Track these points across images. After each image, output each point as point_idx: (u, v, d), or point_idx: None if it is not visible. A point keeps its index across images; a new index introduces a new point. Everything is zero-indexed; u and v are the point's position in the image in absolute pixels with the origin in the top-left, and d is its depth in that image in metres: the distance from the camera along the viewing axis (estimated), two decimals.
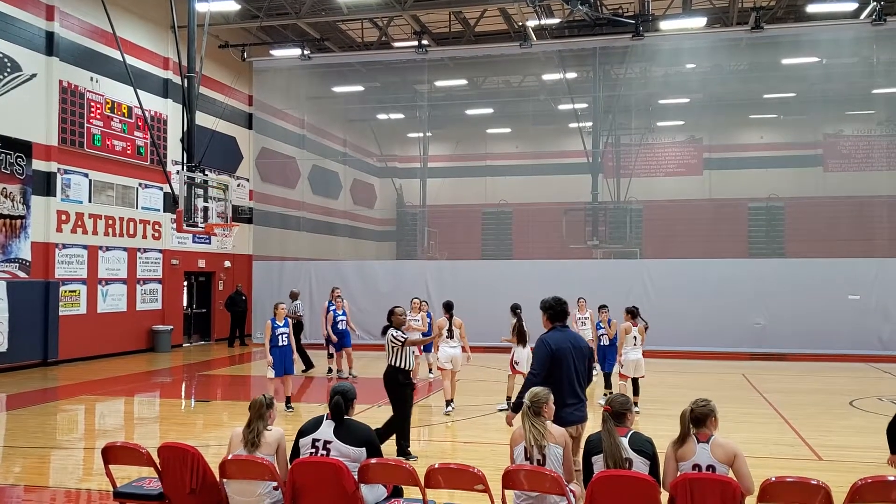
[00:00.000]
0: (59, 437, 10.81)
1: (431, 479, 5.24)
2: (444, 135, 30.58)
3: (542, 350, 6.24)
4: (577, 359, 6.29)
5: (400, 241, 31.54)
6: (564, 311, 6.50)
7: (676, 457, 5.14)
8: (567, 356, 6.23)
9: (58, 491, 7.85)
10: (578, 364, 6.29)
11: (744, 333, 20.07)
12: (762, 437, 10.33)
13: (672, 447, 5.20)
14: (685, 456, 5.12)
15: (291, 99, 26.27)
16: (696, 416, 5.15)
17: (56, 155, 17.68)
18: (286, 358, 12.14)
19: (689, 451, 5.11)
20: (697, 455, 5.07)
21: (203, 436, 10.86)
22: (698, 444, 5.11)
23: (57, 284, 17.62)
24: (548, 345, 6.24)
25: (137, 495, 5.91)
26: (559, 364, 6.19)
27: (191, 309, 23.29)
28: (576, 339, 6.43)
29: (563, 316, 6.48)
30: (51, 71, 17.58)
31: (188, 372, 17.85)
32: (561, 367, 6.19)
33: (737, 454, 5.05)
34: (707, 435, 5.13)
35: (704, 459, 5.05)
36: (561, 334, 6.36)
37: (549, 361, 6.19)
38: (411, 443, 9.06)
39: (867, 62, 22.87)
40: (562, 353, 6.20)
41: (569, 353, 6.24)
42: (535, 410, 5.38)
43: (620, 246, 25.18)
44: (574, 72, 26.30)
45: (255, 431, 5.57)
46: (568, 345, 6.27)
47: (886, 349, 19.37)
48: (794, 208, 26.05)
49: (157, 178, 20.68)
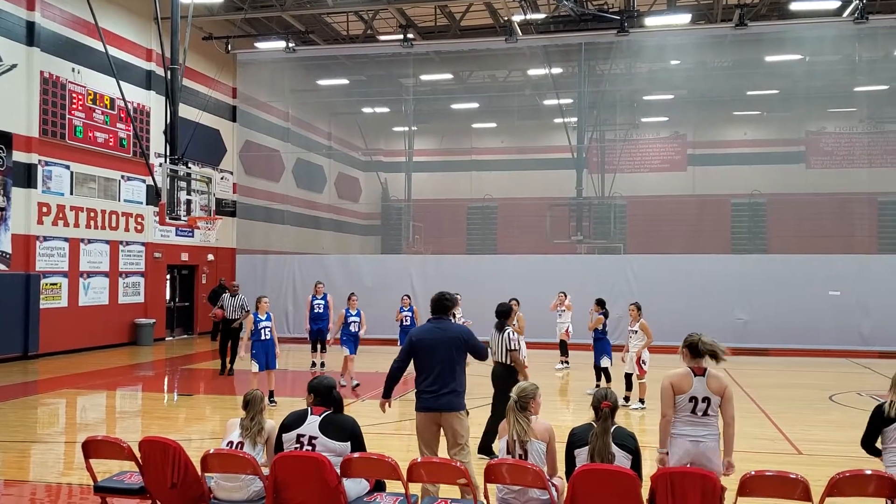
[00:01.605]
0: (40, 430, 10.74)
1: (414, 473, 5.25)
2: (429, 129, 30.55)
3: (406, 342, 6.76)
4: (441, 349, 6.52)
5: (385, 236, 31.49)
6: (443, 305, 6.75)
7: (675, 388, 5.48)
8: (426, 347, 6.52)
9: (38, 485, 7.79)
10: (441, 353, 6.50)
11: (726, 329, 20.14)
12: (743, 431, 10.32)
13: (670, 377, 5.55)
14: (683, 388, 5.46)
15: (276, 92, 26.16)
16: (703, 349, 5.55)
17: (37, 146, 17.51)
18: (269, 352, 12.09)
19: (687, 384, 5.46)
20: (695, 388, 5.45)
21: (185, 430, 10.81)
22: (695, 377, 5.48)
23: (38, 277, 17.47)
24: (410, 337, 6.73)
25: (118, 489, 5.88)
26: (416, 354, 6.57)
27: (173, 302, 23.17)
28: (447, 329, 6.64)
29: (439, 310, 6.73)
30: (32, 61, 17.39)
31: (170, 366, 17.76)
32: (419, 356, 6.56)
33: (727, 387, 5.51)
34: (703, 368, 5.50)
35: (701, 392, 5.46)
36: (429, 326, 6.72)
37: (408, 349, 6.64)
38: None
39: (849, 60, 23.05)
40: (420, 344, 6.55)
41: (430, 343, 6.52)
42: (522, 405, 5.40)
43: (604, 241, 25.27)
44: (559, 67, 26.31)
45: (258, 425, 5.71)
46: (431, 336, 6.56)
47: (866, 345, 19.56)
48: (776, 205, 26.22)
49: (140, 171, 20.52)
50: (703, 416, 5.47)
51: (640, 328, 11.87)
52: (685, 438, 5.47)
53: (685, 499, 4.74)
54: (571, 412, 12.28)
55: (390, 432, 10.22)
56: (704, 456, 5.45)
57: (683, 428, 5.50)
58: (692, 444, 5.44)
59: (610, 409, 5.20)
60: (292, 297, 22.95)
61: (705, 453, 5.45)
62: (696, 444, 5.43)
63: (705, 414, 5.47)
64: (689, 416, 5.50)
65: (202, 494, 5.58)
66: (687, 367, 5.61)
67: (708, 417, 5.48)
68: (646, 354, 11.90)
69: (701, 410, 5.46)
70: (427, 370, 6.49)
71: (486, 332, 8.91)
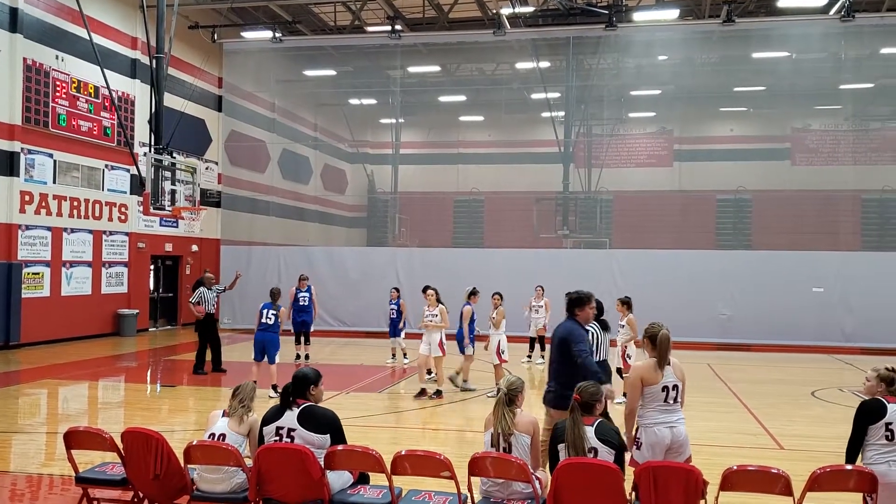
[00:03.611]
0: (21, 421, 10.65)
1: (398, 465, 5.25)
2: (416, 121, 30.45)
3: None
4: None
5: (370, 228, 31.41)
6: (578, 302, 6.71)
7: (646, 381, 5.66)
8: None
9: (19, 476, 7.73)
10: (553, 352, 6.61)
11: (710, 324, 20.32)
12: (725, 426, 10.47)
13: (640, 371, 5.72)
14: (656, 379, 5.66)
15: (262, 82, 26.00)
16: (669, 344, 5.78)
17: (20, 134, 17.34)
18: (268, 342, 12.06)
19: (659, 375, 5.66)
20: (665, 377, 5.66)
21: (168, 421, 10.76)
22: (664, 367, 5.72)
23: (20, 266, 17.32)
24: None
25: (100, 480, 5.85)
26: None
27: (157, 293, 23.05)
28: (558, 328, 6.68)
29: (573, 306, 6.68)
30: (15, 48, 17.20)
31: (154, 356, 17.67)
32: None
33: (683, 371, 5.80)
34: (669, 359, 5.74)
35: (671, 381, 5.70)
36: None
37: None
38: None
39: (835, 58, 23.14)
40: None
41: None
42: (510, 398, 5.43)
43: (590, 236, 25.29)
44: (547, 61, 26.30)
45: (246, 408, 5.76)
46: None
47: (849, 341, 19.73)
48: (761, 201, 26.34)
49: (124, 160, 20.37)
50: (674, 402, 5.74)
51: (627, 323, 11.90)
52: (663, 426, 5.67)
53: (668, 493, 4.77)
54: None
55: (375, 425, 10.21)
56: (683, 437, 5.72)
57: (658, 416, 5.70)
58: (669, 430, 5.66)
59: (580, 403, 5.26)
60: None
61: (682, 436, 5.71)
62: (672, 429, 5.66)
63: (675, 400, 5.75)
64: (661, 405, 5.70)
65: (185, 486, 5.57)
66: (650, 357, 5.81)
67: (676, 403, 5.76)
68: (632, 349, 11.93)
69: (672, 398, 5.72)
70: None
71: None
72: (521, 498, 5.16)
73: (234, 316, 22.95)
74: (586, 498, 4.86)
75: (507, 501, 5.18)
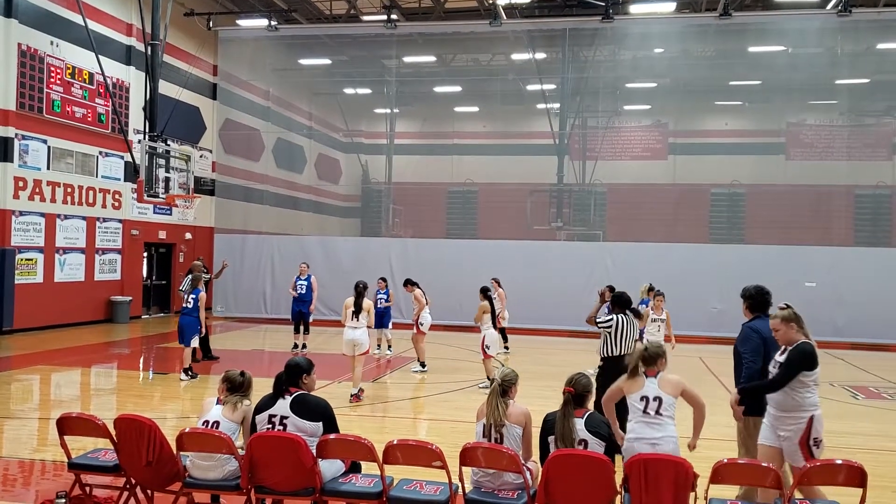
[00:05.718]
0: (14, 406, 10.63)
1: (390, 454, 5.28)
2: (411, 111, 30.39)
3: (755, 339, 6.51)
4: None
5: (364, 218, 31.39)
6: (766, 301, 6.86)
7: (624, 389, 5.57)
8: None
9: (11, 461, 7.74)
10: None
11: (702, 317, 20.35)
12: (716, 419, 10.43)
13: (619, 382, 5.64)
14: (633, 388, 5.52)
15: (257, 70, 25.92)
16: (649, 356, 5.58)
17: (14, 120, 17.26)
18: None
19: (638, 385, 5.51)
20: (646, 388, 5.48)
21: (161, 408, 10.77)
22: (647, 378, 5.52)
23: (13, 252, 17.26)
24: (759, 333, 6.48)
25: (93, 467, 5.86)
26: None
27: (150, 280, 23.02)
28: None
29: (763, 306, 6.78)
30: (9, 33, 17.10)
31: (146, 344, 17.65)
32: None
33: (684, 385, 5.57)
34: (655, 371, 5.55)
35: (652, 392, 5.47)
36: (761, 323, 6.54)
37: (761, 349, 6.42)
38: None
39: (831, 52, 23.16)
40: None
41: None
42: (503, 390, 5.45)
43: (584, 228, 25.33)
44: (543, 52, 26.26)
45: (241, 395, 5.81)
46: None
47: (840, 336, 19.76)
48: (755, 195, 26.39)
49: (119, 147, 20.29)
50: (656, 414, 5.40)
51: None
52: (644, 442, 5.33)
53: (658, 485, 4.79)
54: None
55: (367, 414, 10.24)
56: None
57: (641, 430, 5.40)
58: (650, 447, 5.27)
59: (572, 395, 5.30)
60: (270, 278, 22.88)
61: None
62: (654, 446, 5.28)
63: (658, 413, 5.40)
64: (642, 417, 5.42)
65: (177, 473, 5.58)
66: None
67: (661, 417, 5.40)
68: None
69: (653, 409, 5.40)
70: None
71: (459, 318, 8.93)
72: (512, 488, 5.20)
73: (227, 304, 22.96)
74: (577, 489, 4.90)
75: (498, 491, 5.21)
